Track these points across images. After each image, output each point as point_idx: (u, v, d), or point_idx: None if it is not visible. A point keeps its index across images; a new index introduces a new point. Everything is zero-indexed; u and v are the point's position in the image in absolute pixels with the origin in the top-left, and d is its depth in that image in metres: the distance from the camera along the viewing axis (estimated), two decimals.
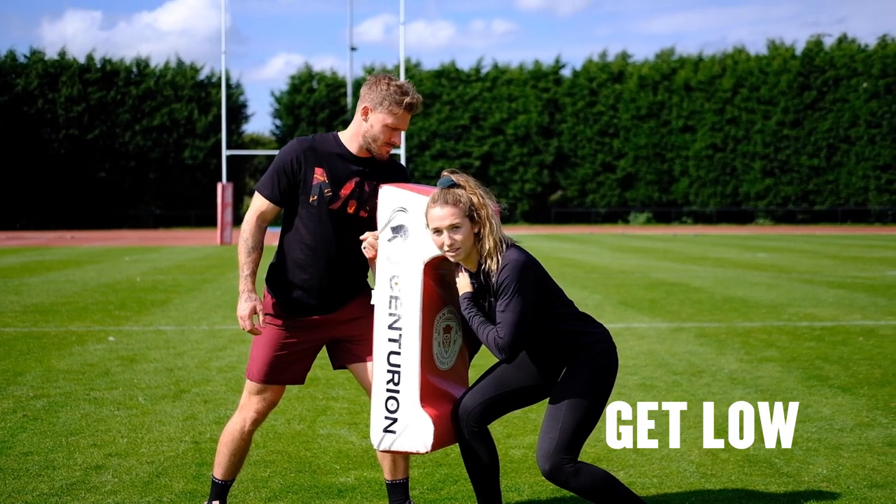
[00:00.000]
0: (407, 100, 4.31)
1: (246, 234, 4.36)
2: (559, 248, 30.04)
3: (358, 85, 62.76)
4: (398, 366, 4.20)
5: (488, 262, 4.05)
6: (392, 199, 4.21)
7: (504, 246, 4.06)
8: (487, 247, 4.04)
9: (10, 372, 8.55)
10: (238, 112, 61.65)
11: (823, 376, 8.29)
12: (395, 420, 4.21)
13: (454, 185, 4.10)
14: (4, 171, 56.80)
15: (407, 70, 59.11)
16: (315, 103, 62.45)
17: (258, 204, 4.39)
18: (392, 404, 4.21)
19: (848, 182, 58.82)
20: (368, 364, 4.43)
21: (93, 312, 12.92)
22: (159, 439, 6.27)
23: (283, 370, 4.49)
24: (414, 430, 4.18)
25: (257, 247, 4.35)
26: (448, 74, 63.39)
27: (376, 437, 4.26)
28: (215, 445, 5.97)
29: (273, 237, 4.82)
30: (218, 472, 4.62)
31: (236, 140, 59.79)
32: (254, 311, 4.28)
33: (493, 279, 4.05)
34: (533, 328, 4.14)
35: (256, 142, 71.32)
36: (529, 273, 4.02)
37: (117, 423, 6.69)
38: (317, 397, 7.57)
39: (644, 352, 9.62)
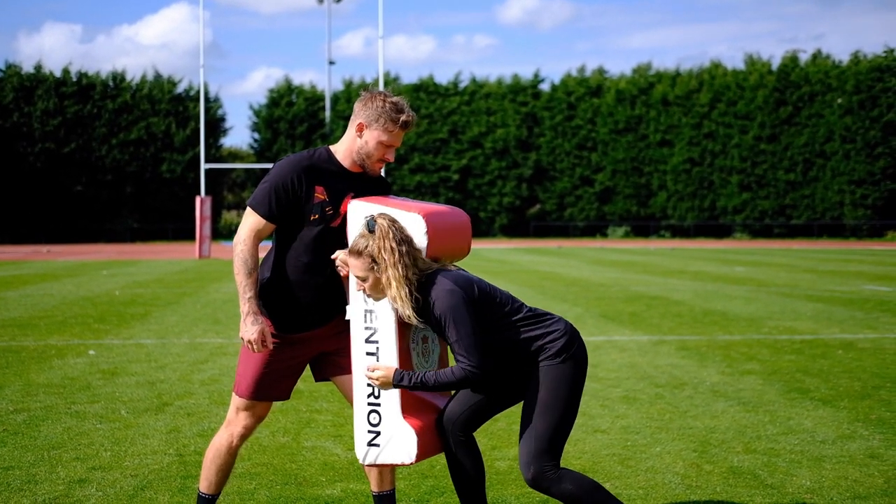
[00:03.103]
0: (403, 118, 4.28)
1: (244, 253, 4.25)
2: (538, 262, 30.10)
3: (336, 99, 62.82)
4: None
5: (404, 299, 4.01)
6: (362, 214, 4.21)
7: (411, 284, 4.00)
8: (395, 285, 3.99)
9: None
10: (216, 126, 61.52)
11: (804, 389, 8.35)
12: (378, 433, 4.21)
13: (372, 230, 4.06)
14: None
15: (386, 84, 59.16)
16: (294, 117, 62.40)
17: (253, 222, 4.28)
18: (374, 417, 4.22)
19: (824, 196, 59.25)
20: (347, 377, 4.43)
21: (72, 326, 12.84)
22: (143, 452, 6.23)
23: (272, 386, 4.47)
24: (397, 442, 4.18)
25: (256, 266, 4.27)
26: (426, 88, 63.50)
27: (361, 451, 4.26)
28: (200, 458, 5.96)
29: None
30: (204, 486, 4.60)
31: (214, 154, 59.63)
32: (262, 334, 4.22)
33: (431, 314, 4.06)
34: (487, 341, 4.13)
35: (234, 155, 71.21)
36: (459, 297, 4.01)
37: (100, 436, 6.65)
38: (300, 409, 7.56)
39: (626, 364, 9.66)
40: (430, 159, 62.45)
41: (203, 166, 37.55)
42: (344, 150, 4.37)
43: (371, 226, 4.06)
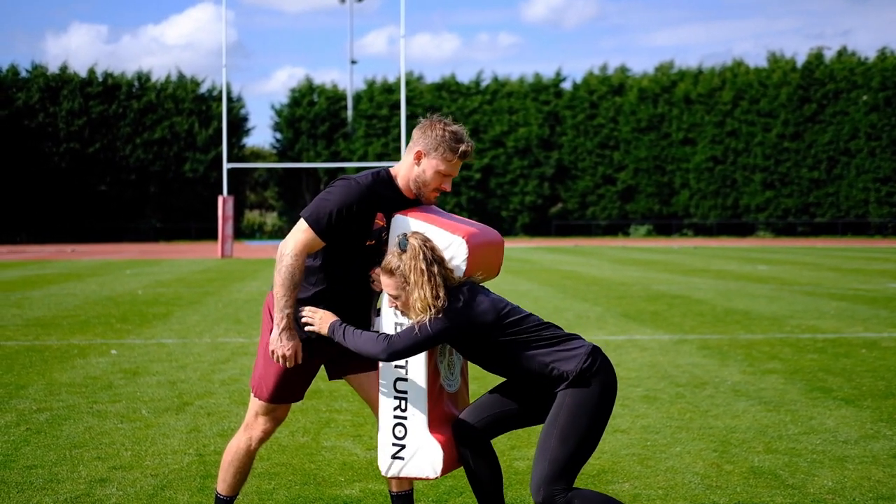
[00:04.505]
0: (462, 147, 4.24)
1: (293, 268, 4.15)
2: (560, 261, 30.03)
3: (358, 98, 62.89)
4: (405, 392, 4.20)
5: (430, 320, 4.03)
6: (402, 229, 4.21)
7: (439, 303, 4.00)
8: (419, 307, 4.01)
9: (12, 385, 8.55)
10: (239, 125, 61.71)
11: (827, 388, 8.29)
12: (403, 446, 4.20)
13: (404, 249, 4.06)
14: (5, 185, 56.86)
15: (408, 83, 59.22)
16: (315, 116, 62.51)
17: (308, 238, 4.19)
18: (400, 430, 4.21)
19: (848, 194, 58.86)
20: (367, 375, 4.42)
21: (95, 325, 12.92)
22: (163, 452, 6.26)
23: (296, 389, 4.46)
24: (423, 456, 4.18)
25: (300, 283, 4.20)
26: (448, 87, 63.49)
27: (384, 463, 4.25)
28: (220, 458, 5.96)
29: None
30: (222, 487, 4.61)
31: (237, 153, 59.83)
32: (296, 349, 4.20)
33: None
34: (508, 362, 4.10)
35: (257, 155, 71.42)
36: (449, 331, 4.01)
37: (121, 436, 6.69)
38: (320, 409, 7.57)
39: (647, 364, 9.62)
40: None
41: (225, 166, 37.64)
42: (402, 177, 4.32)
43: (403, 245, 4.06)
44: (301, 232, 4.19)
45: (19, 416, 7.30)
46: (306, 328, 4.24)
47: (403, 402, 4.20)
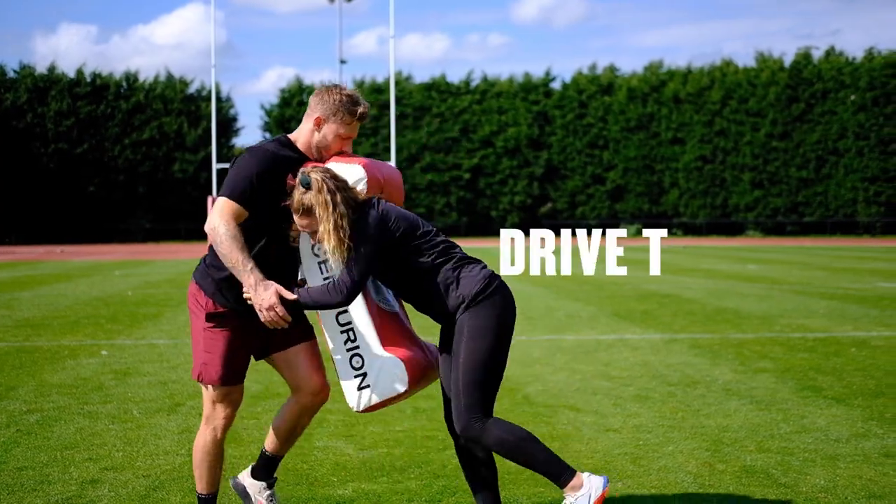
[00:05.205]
0: (360, 110, 4.39)
1: (232, 231, 4.17)
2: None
3: None
4: (349, 322, 4.29)
5: (341, 250, 4.08)
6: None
7: (346, 231, 4.07)
8: (332, 243, 4.06)
9: (2, 386, 8.51)
10: (228, 125, 61.65)
11: (817, 387, 8.31)
12: (364, 374, 4.28)
13: (309, 184, 4.11)
14: None
15: (397, 83, 59.20)
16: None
17: (232, 208, 4.24)
18: (357, 361, 4.28)
19: (837, 194, 59.06)
20: (293, 352, 4.47)
21: (85, 326, 12.88)
22: (155, 453, 6.24)
23: (241, 365, 4.48)
24: (386, 375, 4.25)
25: (244, 242, 4.21)
26: (438, 87, 63.50)
27: (353, 399, 4.31)
28: None
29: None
30: (200, 486, 4.62)
31: (226, 153, 59.72)
32: (279, 295, 4.16)
33: None
34: (415, 283, 4.17)
35: None
36: (370, 230, 4.09)
37: (112, 436, 6.67)
38: None
39: (638, 363, 9.63)
40: (442, 158, 62.44)
41: (215, 166, 37.60)
42: (303, 142, 4.45)
43: (305, 181, 4.13)
44: (222, 205, 4.24)
45: (9, 417, 7.27)
46: (248, 301, 4.24)
47: (351, 333, 4.28)
